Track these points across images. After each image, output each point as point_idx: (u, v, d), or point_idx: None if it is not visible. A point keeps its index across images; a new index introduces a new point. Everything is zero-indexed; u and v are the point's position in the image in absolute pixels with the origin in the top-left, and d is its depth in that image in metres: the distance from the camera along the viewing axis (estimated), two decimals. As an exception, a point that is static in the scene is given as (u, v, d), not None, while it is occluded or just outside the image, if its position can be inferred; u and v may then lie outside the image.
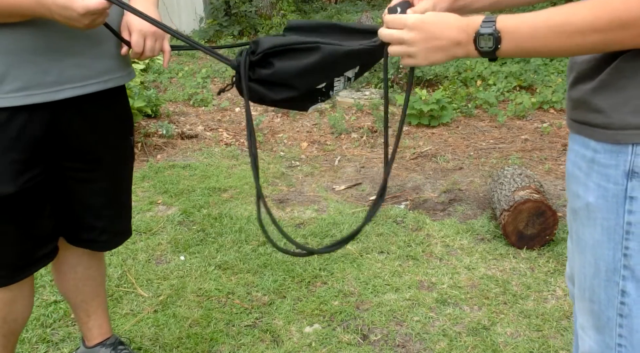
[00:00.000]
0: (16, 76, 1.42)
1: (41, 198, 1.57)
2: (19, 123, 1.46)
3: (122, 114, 1.73)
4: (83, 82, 1.52)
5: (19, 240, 1.56)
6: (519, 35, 0.98)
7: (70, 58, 1.48)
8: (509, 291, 2.45)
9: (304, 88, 1.22)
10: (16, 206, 1.51)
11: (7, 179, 1.47)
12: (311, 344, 2.17)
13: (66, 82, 1.49)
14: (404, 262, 2.70)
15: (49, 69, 1.45)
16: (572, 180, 1.10)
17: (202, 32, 6.98)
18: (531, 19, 0.97)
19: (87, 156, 1.63)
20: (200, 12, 7.14)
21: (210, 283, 2.54)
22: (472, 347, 2.14)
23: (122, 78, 1.64)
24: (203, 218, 3.15)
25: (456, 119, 4.59)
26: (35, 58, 1.43)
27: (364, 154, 4.11)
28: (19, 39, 1.40)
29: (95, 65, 1.54)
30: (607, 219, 1.03)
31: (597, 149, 1.02)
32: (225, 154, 4.14)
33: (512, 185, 2.92)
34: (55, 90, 1.48)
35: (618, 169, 0.99)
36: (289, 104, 1.30)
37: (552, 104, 4.71)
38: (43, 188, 1.56)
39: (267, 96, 1.24)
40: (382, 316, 2.32)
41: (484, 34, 0.99)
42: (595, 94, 1.01)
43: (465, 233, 2.94)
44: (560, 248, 2.75)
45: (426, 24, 1.05)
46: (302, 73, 1.19)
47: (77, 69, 1.50)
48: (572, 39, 0.94)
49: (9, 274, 1.60)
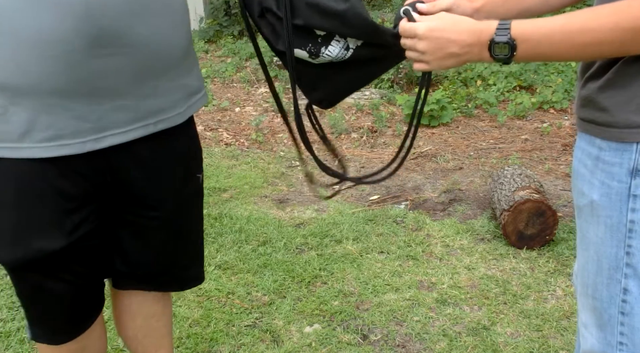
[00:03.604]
0: (49, 122, 1.22)
1: (94, 250, 1.41)
2: (53, 175, 1.28)
3: (186, 152, 1.49)
4: (127, 127, 1.30)
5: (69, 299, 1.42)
6: (534, 42, 0.97)
7: (112, 100, 1.26)
8: (509, 291, 2.45)
9: (304, 20, 1.13)
10: (67, 260, 1.36)
11: (55, 235, 1.32)
12: (311, 344, 2.17)
13: (107, 128, 1.27)
14: (404, 262, 2.70)
15: (85, 115, 1.24)
16: (578, 177, 1.10)
17: (202, 32, 6.97)
18: (547, 25, 0.97)
19: (146, 203, 1.43)
20: (200, 12, 7.13)
21: (210, 283, 2.54)
22: (472, 347, 2.14)
23: (179, 116, 1.40)
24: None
25: (456, 119, 4.58)
26: (68, 103, 1.22)
27: (364, 154, 4.10)
28: (46, 79, 1.18)
29: (143, 106, 1.31)
30: (610, 217, 1.03)
31: (603, 147, 1.02)
32: (225, 154, 4.14)
33: (512, 185, 2.92)
34: (94, 138, 1.27)
35: (622, 167, 1.00)
36: (272, 29, 1.18)
37: (552, 104, 4.70)
38: (95, 239, 1.40)
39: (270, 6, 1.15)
40: (382, 316, 2.32)
41: (499, 42, 0.99)
42: (600, 92, 1.01)
43: (465, 233, 2.93)
44: (560, 248, 2.75)
45: (435, 32, 1.05)
46: (317, 7, 1.11)
47: (121, 112, 1.28)
48: (589, 46, 0.93)
49: (66, 333, 1.47)
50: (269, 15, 1.16)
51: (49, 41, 1.15)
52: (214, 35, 6.94)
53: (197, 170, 1.54)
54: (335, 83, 1.26)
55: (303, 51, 1.17)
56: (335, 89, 1.29)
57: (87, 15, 1.15)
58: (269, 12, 1.16)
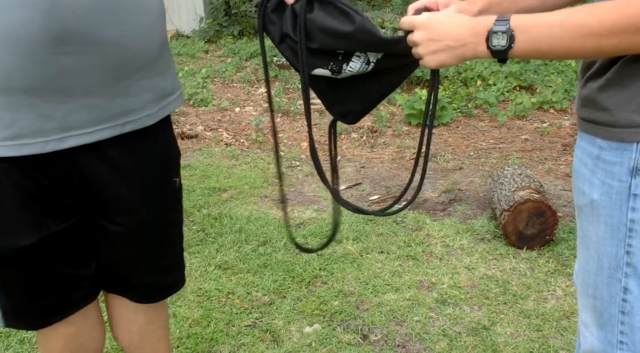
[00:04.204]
0: (13, 120, 1.19)
1: (68, 249, 1.38)
2: (18, 174, 1.26)
3: (161, 155, 1.44)
4: (94, 127, 1.26)
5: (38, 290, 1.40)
6: (533, 34, 0.96)
7: (80, 99, 1.23)
8: (509, 291, 2.45)
9: (318, 44, 1.17)
10: (37, 257, 1.34)
11: (25, 232, 1.30)
12: (311, 344, 2.17)
13: (72, 128, 1.24)
14: (404, 262, 2.70)
15: (51, 113, 1.21)
16: (578, 177, 1.10)
17: (202, 32, 6.97)
18: (547, 18, 0.96)
19: (118, 207, 1.39)
20: (200, 12, 7.13)
21: (210, 283, 2.54)
22: (472, 347, 2.14)
23: (149, 118, 1.35)
24: (203, 218, 3.15)
25: (456, 119, 4.58)
26: (33, 101, 1.19)
27: (364, 154, 4.10)
28: (10, 75, 1.16)
29: (112, 106, 1.27)
30: (610, 216, 1.03)
31: (603, 147, 1.03)
32: (225, 154, 4.14)
33: (512, 185, 2.92)
34: (58, 138, 1.23)
35: (622, 166, 1.00)
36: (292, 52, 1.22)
37: (552, 104, 4.70)
38: (69, 239, 1.38)
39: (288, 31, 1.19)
40: (382, 316, 2.32)
41: (497, 31, 0.97)
42: (601, 92, 1.01)
43: (465, 233, 2.93)
44: (560, 248, 2.75)
45: (433, 23, 1.04)
46: (327, 31, 1.16)
47: (88, 112, 1.24)
48: (588, 41, 0.93)
49: (38, 319, 1.45)
50: (288, 39, 1.21)
51: (13, 39, 1.14)
52: (214, 35, 6.94)
53: (174, 174, 1.48)
54: (361, 95, 1.29)
55: (325, 69, 1.21)
56: (361, 102, 1.30)
57: (52, 13, 1.14)
58: (287, 37, 1.21)
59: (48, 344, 1.53)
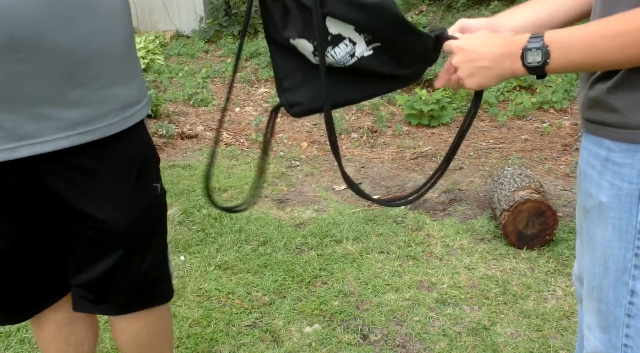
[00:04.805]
0: None
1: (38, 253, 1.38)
2: None
3: (132, 162, 1.36)
4: (49, 137, 1.20)
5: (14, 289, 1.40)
6: (569, 48, 0.96)
7: (30, 108, 1.17)
8: (509, 291, 2.45)
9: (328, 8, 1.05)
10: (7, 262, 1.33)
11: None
12: (311, 344, 2.17)
13: (25, 137, 1.18)
14: (404, 262, 2.70)
15: (0, 123, 1.17)
16: (585, 179, 1.10)
17: (202, 32, 6.97)
18: (581, 31, 0.96)
19: (89, 215, 1.33)
20: (200, 12, 7.13)
21: (210, 283, 2.54)
22: (472, 347, 2.14)
23: (110, 127, 1.28)
24: (203, 218, 3.15)
25: (456, 119, 4.58)
26: None
27: (364, 154, 4.10)
28: None
29: (67, 115, 1.21)
30: (619, 218, 1.02)
31: (612, 148, 1.02)
32: (225, 154, 4.14)
33: (512, 185, 2.92)
34: (9, 147, 1.19)
35: (634, 168, 0.99)
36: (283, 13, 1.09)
37: (552, 104, 4.70)
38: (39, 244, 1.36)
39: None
40: (382, 316, 2.32)
41: (531, 48, 0.97)
42: (611, 94, 1.01)
43: (465, 233, 2.94)
44: (560, 248, 2.75)
45: (467, 45, 1.05)
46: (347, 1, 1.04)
47: (40, 121, 1.19)
48: (625, 50, 0.92)
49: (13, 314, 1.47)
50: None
51: None
52: (214, 35, 6.94)
53: (153, 180, 1.43)
54: (322, 92, 1.13)
55: (310, 43, 1.09)
56: (319, 99, 1.15)
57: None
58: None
59: (43, 333, 1.57)
